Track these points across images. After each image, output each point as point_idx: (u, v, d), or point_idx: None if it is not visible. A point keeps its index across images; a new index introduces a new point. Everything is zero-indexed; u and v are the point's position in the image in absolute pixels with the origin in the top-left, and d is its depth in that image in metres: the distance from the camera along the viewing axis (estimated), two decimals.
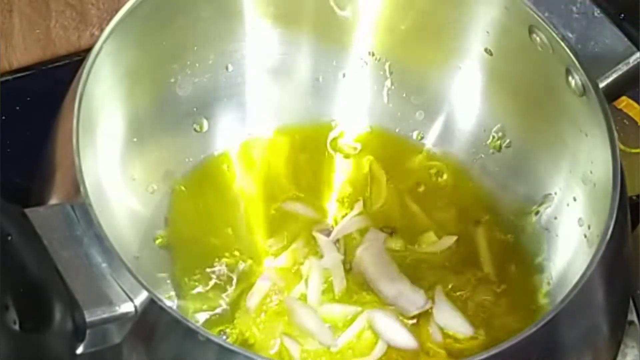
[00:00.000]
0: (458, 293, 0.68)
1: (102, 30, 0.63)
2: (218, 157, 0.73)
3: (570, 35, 0.67)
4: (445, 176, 0.73)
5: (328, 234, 0.69)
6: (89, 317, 0.52)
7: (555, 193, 0.70)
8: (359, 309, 0.66)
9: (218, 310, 0.66)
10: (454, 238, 0.70)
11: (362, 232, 0.70)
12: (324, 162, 0.74)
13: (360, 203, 0.71)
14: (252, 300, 0.66)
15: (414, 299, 0.66)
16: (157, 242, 0.69)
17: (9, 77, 0.82)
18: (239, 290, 0.66)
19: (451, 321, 0.66)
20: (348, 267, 0.68)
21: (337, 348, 0.64)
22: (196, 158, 0.73)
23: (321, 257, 0.68)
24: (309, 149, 0.75)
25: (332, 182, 0.73)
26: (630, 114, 0.83)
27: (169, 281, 0.67)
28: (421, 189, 0.73)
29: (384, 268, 0.67)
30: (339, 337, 0.65)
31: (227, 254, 0.68)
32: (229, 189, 0.72)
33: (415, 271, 0.68)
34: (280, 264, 0.68)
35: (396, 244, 0.70)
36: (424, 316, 0.66)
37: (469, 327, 0.66)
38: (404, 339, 0.65)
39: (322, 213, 0.71)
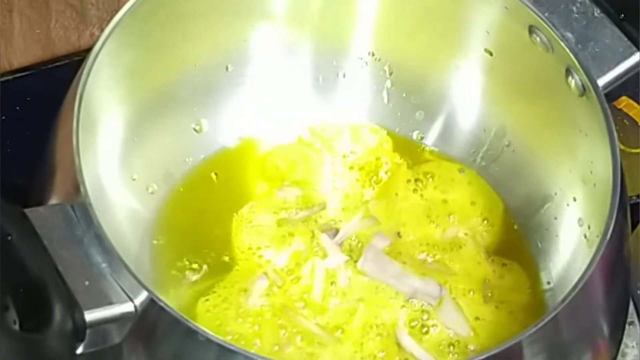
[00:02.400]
0: (458, 293, 0.68)
1: (102, 30, 0.63)
2: (218, 157, 0.73)
3: (570, 35, 0.67)
4: (445, 176, 0.73)
5: (333, 235, 0.69)
6: (89, 317, 0.52)
7: (555, 193, 0.70)
8: (361, 304, 0.66)
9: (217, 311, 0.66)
10: (457, 229, 0.70)
11: (367, 233, 0.70)
12: (325, 162, 0.74)
13: (365, 205, 0.71)
14: (251, 300, 0.66)
15: (429, 291, 0.66)
16: (157, 242, 0.69)
17: (9, 77, 0.82)
18: (239, 289, 0.66)
19: (454, 321, 0.66)
20: (352, 267, 0.67)
21: (345, 345, 0.64)
22: (196, 158, 0.72)
23: (324, 257, 0.68)
24: (310, 148, 0.75)
25: (335, 183, 0.73)
26: (630, 114, 0.83)
27: (168, 280, 0.67)
28: (421, 189, 0.73)
29: (390, 269, 0.67)
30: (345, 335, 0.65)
31: (226, 254, 0.68)
32: (229, 189, 0.72)
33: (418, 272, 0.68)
34: (281, 264, 0.68)
35: (400, 243, 0.69)
36: None
37: (469, 327, 0.66)
38: (423, 355, 0.65)
39: (325, 213, 0.71)
